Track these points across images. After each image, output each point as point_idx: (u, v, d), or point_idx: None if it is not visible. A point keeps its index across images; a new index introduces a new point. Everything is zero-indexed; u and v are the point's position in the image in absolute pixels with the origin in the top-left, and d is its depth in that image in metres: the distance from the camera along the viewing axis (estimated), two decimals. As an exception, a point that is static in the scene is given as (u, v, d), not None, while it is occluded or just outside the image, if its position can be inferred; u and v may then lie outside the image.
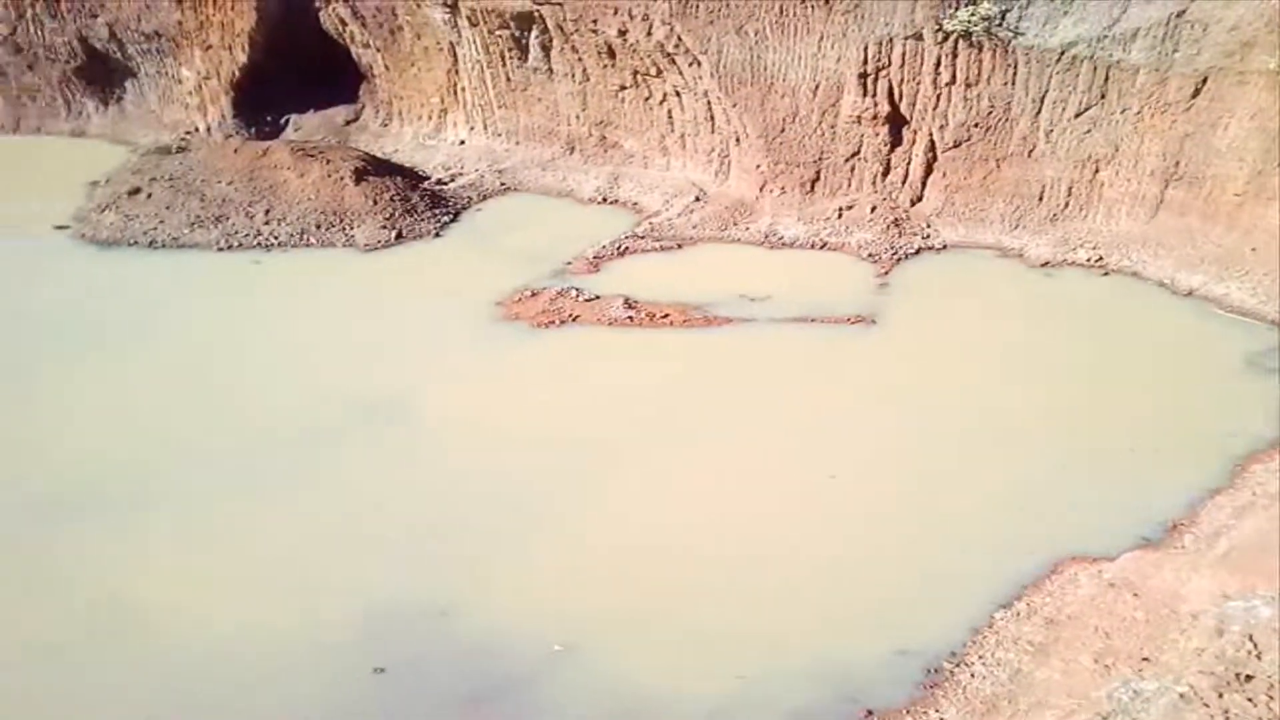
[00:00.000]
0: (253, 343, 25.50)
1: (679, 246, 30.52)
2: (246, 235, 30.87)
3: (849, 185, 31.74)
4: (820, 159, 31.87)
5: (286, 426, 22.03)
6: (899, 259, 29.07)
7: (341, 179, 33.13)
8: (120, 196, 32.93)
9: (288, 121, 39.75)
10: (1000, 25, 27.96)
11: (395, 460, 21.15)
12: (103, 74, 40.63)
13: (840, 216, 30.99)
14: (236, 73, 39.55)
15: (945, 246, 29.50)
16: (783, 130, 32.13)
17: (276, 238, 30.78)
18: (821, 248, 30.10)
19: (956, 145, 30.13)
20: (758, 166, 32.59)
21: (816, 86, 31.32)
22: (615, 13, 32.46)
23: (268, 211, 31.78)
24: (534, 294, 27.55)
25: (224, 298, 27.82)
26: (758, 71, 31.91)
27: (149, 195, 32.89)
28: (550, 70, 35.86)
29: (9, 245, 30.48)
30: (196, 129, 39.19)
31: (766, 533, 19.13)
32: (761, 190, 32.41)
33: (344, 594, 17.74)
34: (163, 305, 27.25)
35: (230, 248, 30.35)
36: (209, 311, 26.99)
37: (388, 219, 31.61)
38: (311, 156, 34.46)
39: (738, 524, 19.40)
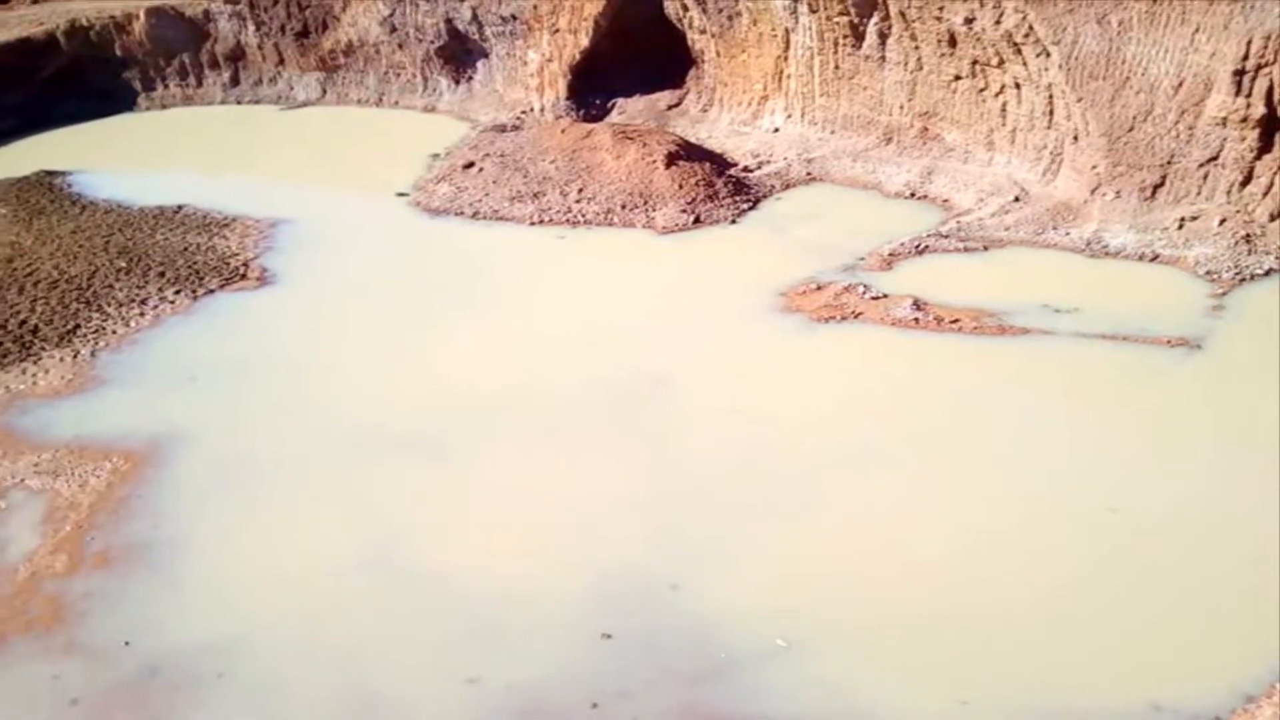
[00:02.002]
0: (548, 312, 27.84)
1: (984, 248, 29.61)
2: (558, 211, 33.62)
3: (1197, 193, 29.31)
4: (1169, 162, 29.69)
5: (564, 391, 23.97)
6: (1242, 279, 26.51)
7: (654, 162, 35.11)
8: (455, 169, 36.95)
9: (614, 104, 42.55)
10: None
11: (653, 436, 22.47)
12: (460, 54, 45.52)
13: (1181, 227, 28.69)
14: (577, 56, 42.84)
15: (1303, 270, 26.60)
16: (1131, 129, 30.25)
17: (584, 215, 33.26)
18: (1152, 260, 28.05)
19: (1337, 156, 26.94)
20: (1094, 167, 30.89)
21: (1180, 83, 29.19)
22: (965, -1, 32.04)
23: (580, 190, 34.38)
24: (819, 287, 27.91)
25: (529, 269, 30.49)
26: (1114, 64, 30.28)
27: (480, 170, 36.61)
28: (883, 58, 35.92)
29: (357, 207, 35.17)
30: (532, 109, 42.91)
31: (1024, 561, 18.52)
32: (1093, 193, 30.70)
33: (584, 558, 19.17)
34: (475, 272, 30.31)
35: (542, 222, 33.21)
36: (514, 280, 29.71)
37: (689, 203, 33.16)
38: (630, 139, 36.78)
39: (992, 547, 18.90)
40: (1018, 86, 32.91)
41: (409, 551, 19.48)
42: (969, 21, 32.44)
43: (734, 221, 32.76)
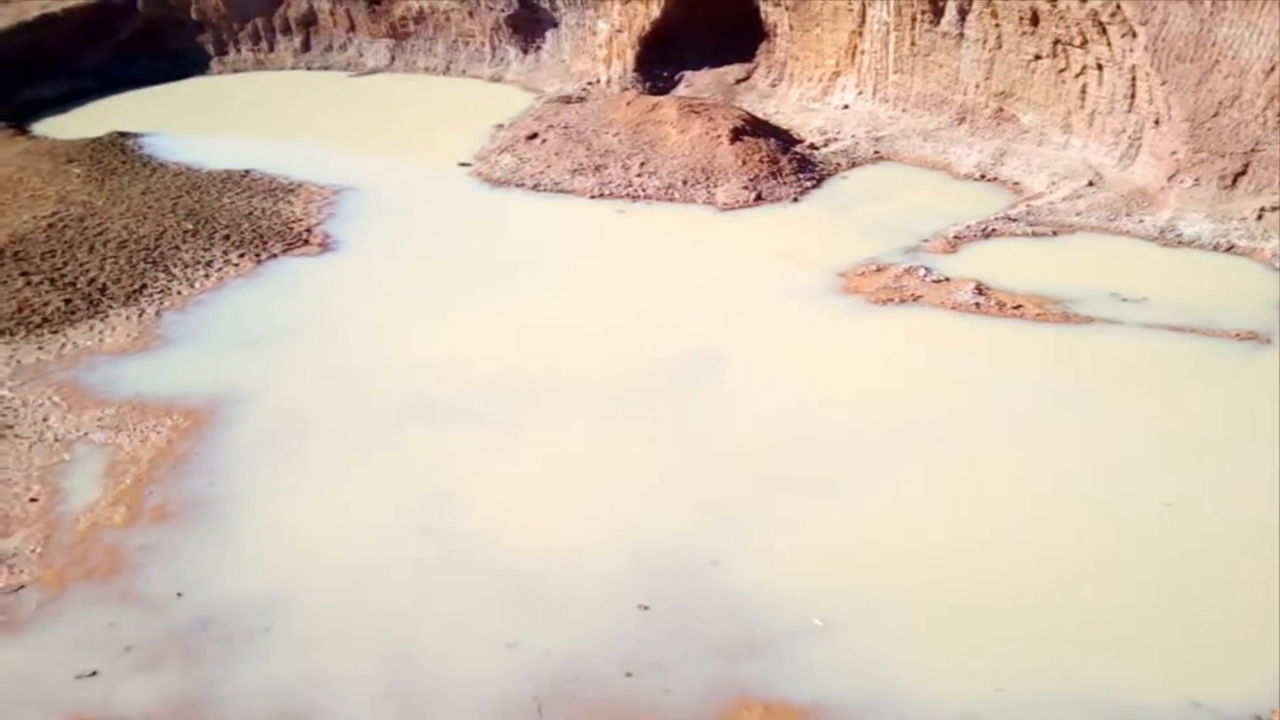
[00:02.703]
0: (603, 287, 28.23)
1: (1054, 234, 29.24)
2: (619, 185, 33.88)
3: (1280, 183, 28.62)
4: (1253, 150, 29.06)
5: (615, 366, 24.37)
6: (1321, 273, 25.89)
7: (718, 137, 35.15)
8: (519, 140, 37.37)
9: (681, 78, 42.55)
10: None
11: (701, 413, 22.80)
12: (529, 23, 45.79)
13: (1260, 218, 28.06)
14: (647, 27, 42.87)
15: (1386, 268, 25.91)
16: (1216, 114, 29.60)
17: (644, 190, 33.49)
18: (1227, 250, 27.51)
19: None
20: (1173, 153, 30.30)
21: (1273, 67, 28.51)
22: (1053, -25, 31.57)
23: (643, 164, 34.59)
24: (879, 269, 27.84)
25: (587, 243, 30.90)
26: (1203, 46, 29.62)
27: (543, 141, 36.98)
28: (961, 35, 35.53)
29: (420, 176, 35.84)
30: (599, 80, 43.10)
31: (1070, 551, 18.53)
32: (1170, 180, 30.14)
33: (626, 531, 19.60)
34: (533, 245, 30.80)
35: (602, 196, 33.52)
36: (572, 254, 30.14)
37: (751, 180, 33.20)
38: (696, 113, 36.84)
39: (1039, 536, 18.93)
40: (1100, 68, 32.35)
41: (454, 518, 20.07)
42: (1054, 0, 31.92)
43: (796, 200, 32.72)
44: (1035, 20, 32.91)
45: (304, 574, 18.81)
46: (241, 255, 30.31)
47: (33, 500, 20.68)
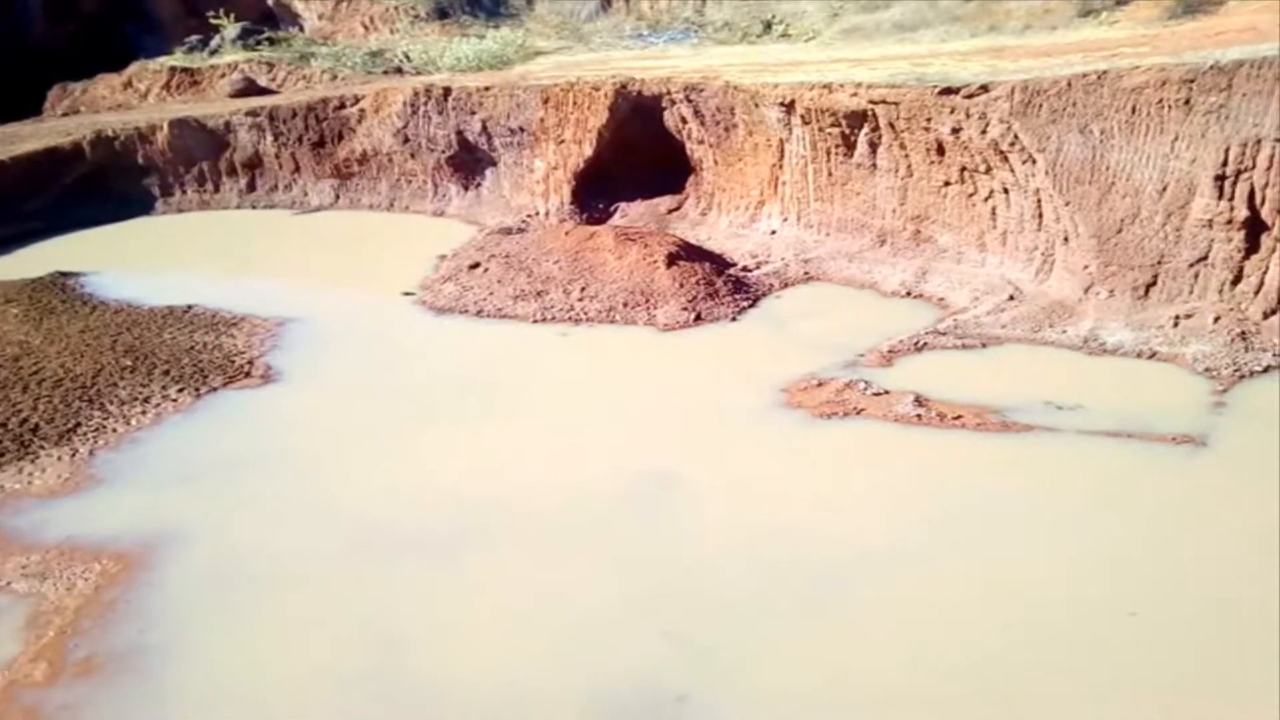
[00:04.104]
0: (550, 410, 26.62)
1: (983, 345, 28.47)
2: (560, 309, 32.58)
3: (1190, 292, 28.34)
4: (1159, 262, 28.82)
5: (568, 492, 22.64)
6: (1241, 376, 25.30)
7: (655, 262, 34.23)
8: (461, 269, 36.07)
9: (616, 209, 41.99)
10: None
11: (658, 537, 21.07)
12: (469, 163, 45.19)
13: (1176, 325, 27.59)
14: (580, 164, 42.50)
15: (1302, 367, 25.39)
16: (1119, 231, 29.46)
17: (586, 313, 32.22)
18: (1150, 357, 26.86)
19: (1326, 253, 26.03)
20: (1085, 267, 30.02)
21: (1164, 188, 28.52)
22: (951, 111, 31.72)
23: (583, 289, 33.41)
24: (820, 383, 26.68)
25: (532, 366, 29.34)
26: (1098, 171, 29.67)
27: (485, 270, 35.72)
28: (874, 166, 35.49)
29: (364, 306, 34.27)
30: (537, 212, 42.35)
31: (1046, 668, 16.94)
32: (1086, 292, 29.74)
33: (588, 666, 17.62)
34: (478, 370, 29.19)
35: (544, 320, 32.14)
36: (516, 378, 28.56)
37: (690, 301, 32.17)
38: (631, 240, 36.00)
39: (1011, 653, 17.34)
40: (1006, 191, 32.33)
41: (408, 660, 17.85)
42: (956, 131, 32.04)
43: (734, 319, 31.71)
44: (941, 150, 33.01)
45: (239, 730, 16.38)
46: (180, 390, 28.11)
47: (-57, 660, 17.98)
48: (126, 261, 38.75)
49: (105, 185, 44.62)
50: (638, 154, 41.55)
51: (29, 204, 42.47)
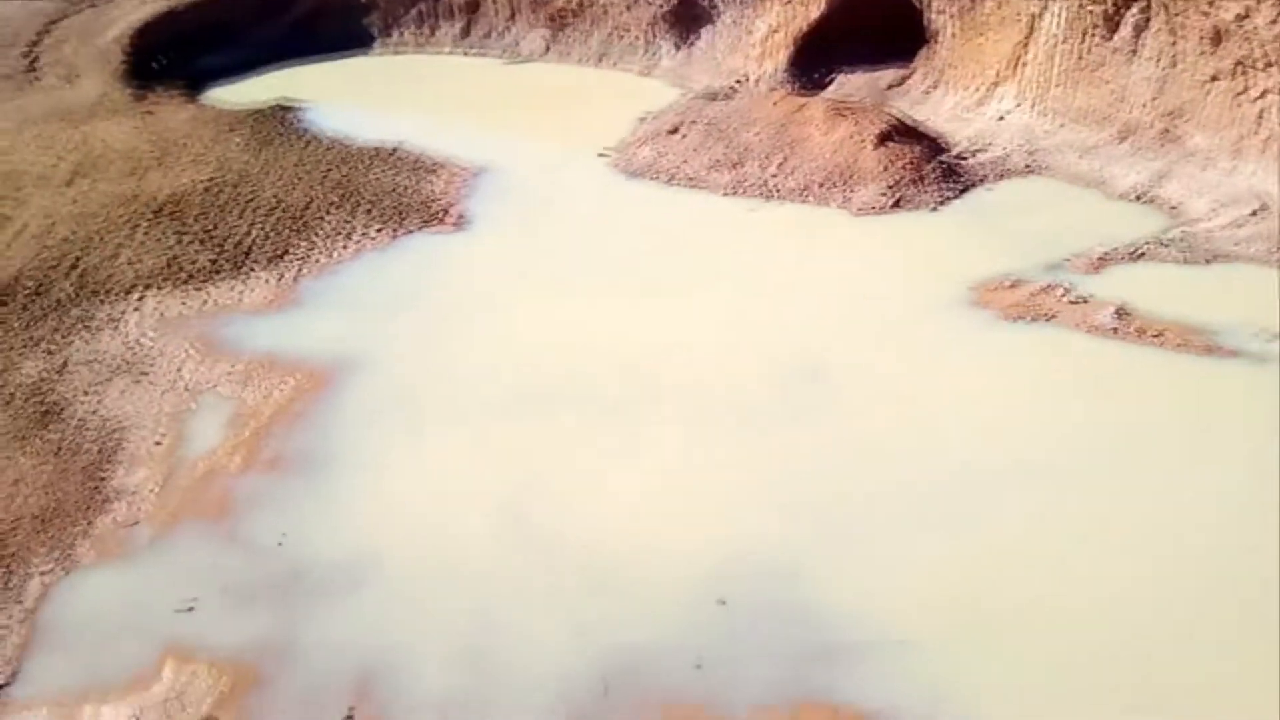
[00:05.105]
0: (724, 286, 28.17)
1: (1208, 261, 27.72)
2: (754, 183, 33.79)
3: None
4: None
5: (727, 367, 24.47)
6: None
7: (863, 140, 34.66)
8: (660, 133, 37.67)
9: (833, 79, 42.06)
10: None
11: (809, 422, 22.55)
12: (686, 19, 46.11)
13: None
14: (805, 26, 42.62)
15: None
16: (1406, 147, 27.60)
17: (779, 189, 33.30)
18: (1405, 297, 25.54)
19: None
20: (1354, 184, 28.40)
21: None
22: (1245, -7, 30.04)
23: (781, 163, 34.40)
24: (1015, 284, 26.95)
25: (715, 239, 30.89)
26: (1403, 73, 27.72)
27: (684, 136, 37.17)
28: (1134, 51, 34.13)
29: (560, 162, 36.57)
30: (748, 78, 42.98)
31: (1178, 595, 17.72)
32: (1347, 213, 28.22)
33: (714, 529, 19.73)
34: (661, 238, 31.00)
35: (735, 193, 33.48)
36: (698, 250, 30.22)
37: (891, 185, 32.58)
38: (843, 115, 36.40)
39: (1148, 576, 18.13)
40: (1282, 92, 30.55)
41: (545, 500, 20.59)
42: (1242, 18, 30.25)
43: (936, 209, 31.92)
44: (1217, 39, 31.28)
45: (395, 540, 19.60)
46: (380, 229, 31.57)
47: (158, 443, 22.13)
48: (343, 98, 42.56)
49: (329, 21, 48.53)
50: (868, 19, 41.05)
51: (258, 33, 46.94)
